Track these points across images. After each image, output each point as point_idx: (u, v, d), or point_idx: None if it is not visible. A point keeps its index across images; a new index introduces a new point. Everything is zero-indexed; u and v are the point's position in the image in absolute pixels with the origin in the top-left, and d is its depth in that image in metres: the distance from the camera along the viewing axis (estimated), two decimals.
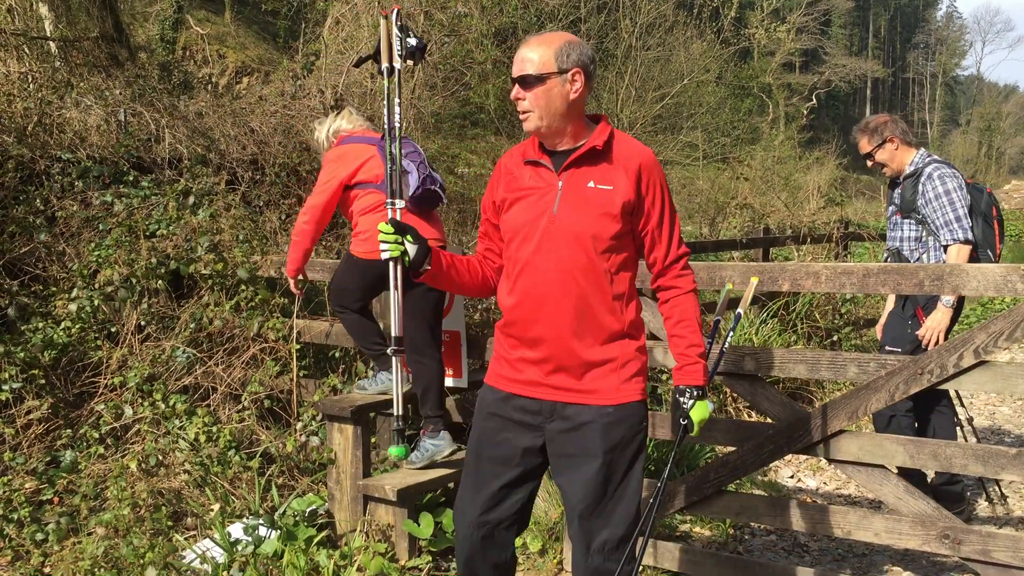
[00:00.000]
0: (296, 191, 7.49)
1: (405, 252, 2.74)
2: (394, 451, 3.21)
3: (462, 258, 2.98)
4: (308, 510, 4.50)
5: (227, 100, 9.08)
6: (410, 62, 3.26)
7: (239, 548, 4.20)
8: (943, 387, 3.51)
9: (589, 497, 2.79)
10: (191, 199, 6.21)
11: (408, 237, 2.74)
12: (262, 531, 4.28)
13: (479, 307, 6.76)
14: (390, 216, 3.01)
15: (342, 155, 4.59)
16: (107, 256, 5.61)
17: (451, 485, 4.65)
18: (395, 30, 3.17)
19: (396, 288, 3.00)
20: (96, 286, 5.51)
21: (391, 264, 2.90)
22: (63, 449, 4.96)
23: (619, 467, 2.79)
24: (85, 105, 7.03)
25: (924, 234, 4.98)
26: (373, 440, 5.27)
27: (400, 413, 3.23)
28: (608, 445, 2.77)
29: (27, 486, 4.68)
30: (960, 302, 4.93)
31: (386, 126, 3.31)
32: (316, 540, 4.29)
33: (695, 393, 2.81)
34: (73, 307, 5.39)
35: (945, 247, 4.84)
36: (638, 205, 2.76)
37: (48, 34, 8.90)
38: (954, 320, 4.96)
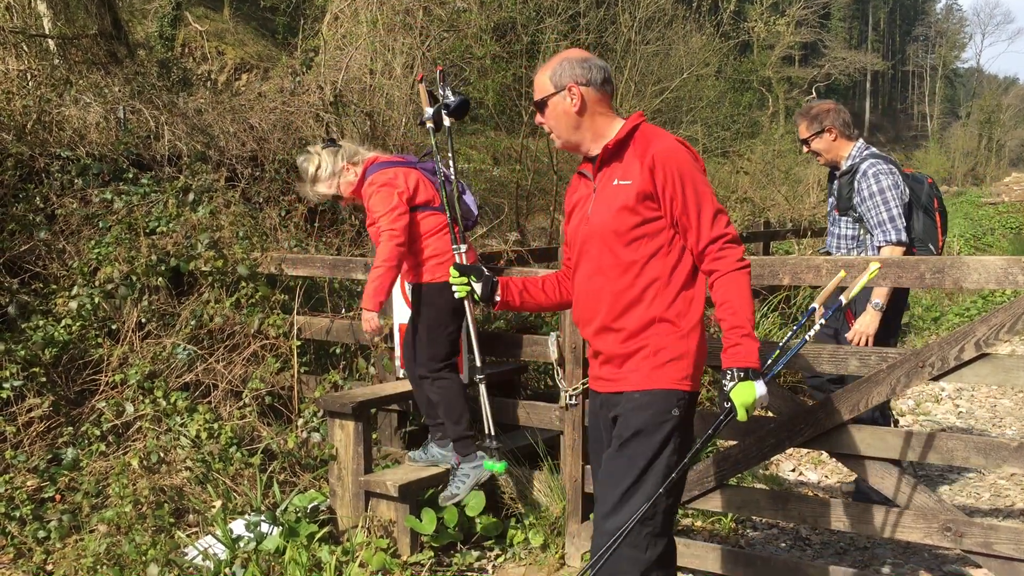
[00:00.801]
0: (295, 187, 7.47)
1: (473, 291, 3.11)
2: (496, 467, 3.46)
3: (535, 280, 3.20)
4: (310, 506, 4.50)
5: (226, 97, 9.06)
6: (452, 120, 3.62)
7: (241, 544, 4.21)
8: (945, 379, 3.51)
9: (608, 478, 2.83)
10: (191, 196, 6.20)
11: (473, 277, 3.10)
12: (264, 527, 4.29)
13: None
14: (456, 261, 3.45)
15: (393, 179, 4.35)
16: (107, 253, 5.61)
17: None
18: (439, 90, 3.64)
19: (472, 322, 3.41)
20: (96, 284, 5.51)
21: (465, 302, 3.30)
22: (64, 447, 4.97)
23: (641, 454, 2.77)
24: (84, 102, 7.02)
25: (862, 232, 4.88)
26: (374, 436, 5.27)
27: (492, 432, 3.49)
28: (631, 430, 2.80)
29: (29, 484, 4.68)
30: (894, 306, 4.82)
31: (440, 176, 3.69)
32: (318, 536, 4.29)
33: (738, 375, 2.73)
34: (73, 305, 5.39)
35: (879, 248, 4.71)
36: (657, 194, 2.79)
37: (47, 31, 8.89)
38: (894, 326, 4.90)
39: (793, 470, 5.98)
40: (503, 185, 12.56)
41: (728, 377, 2.75)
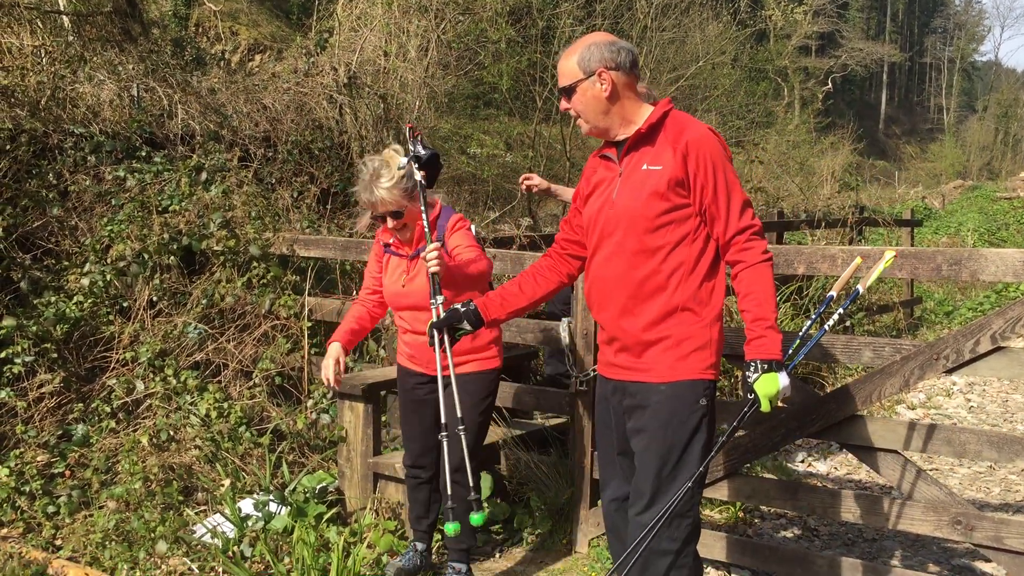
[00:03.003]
0: (308, 169, 7.46)
1: (467, 332, 3.13)
2: (451, 528, 3.15)
3: (511, 286, 3.18)
4: (318, 487, 4.51)
5: (240, 77, 9.05)
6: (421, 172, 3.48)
7: (249, 523, 4.22)
8: (957, 373, 3.48)
9: (642, 474, 2.83)
10: (203, 175, 6.20)
11: (457, 323, 3.10)
12: (272, 507, 4.30)
13: None
14: (434, 316, 3.24)
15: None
16: (119, 231, 5.61)
17: None
18: (409, 144, 3.51)
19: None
20: (108, 261, 5.51)
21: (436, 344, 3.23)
22: (75, 423, 4.99)
23: (674, 447, 2.79)
24: (98, 80, 7.01)
25: None
26: (384, 418, 5.27)
27: (472, 484, 3.30)
28: (659, 423, 2.80)
29: (39, 459, 4.71)
30: None
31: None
32: (326, 517, 4.30)
33: (762, 367, 2.71)
34: (85, 281, 5.40)
35: None
36: (688, 182, 2.77)
37: (62, 8, 8.87)
38: None
39: (802, 461, 5.96)
40: (516, 171, 12.52)
41: (752, 369, 2.73)
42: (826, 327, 2.91)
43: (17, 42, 7.37)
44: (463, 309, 3.10)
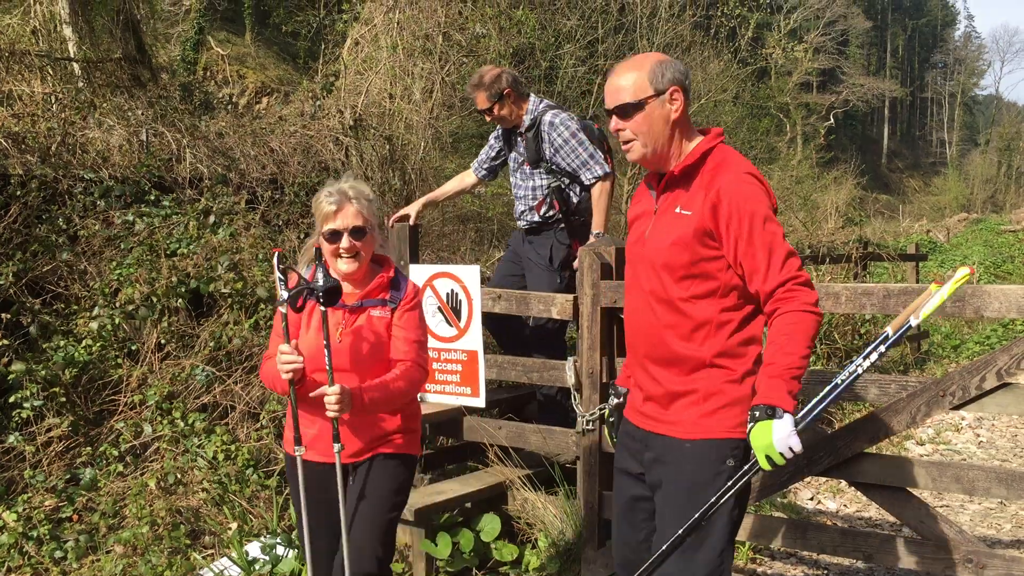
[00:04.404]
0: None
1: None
2: None
3: None
4: None
5: (247, 120, 9.14)
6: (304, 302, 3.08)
7: (256, 567, 4.21)
8: (964, 410, 3.48)
9: (664, 535, 2.63)
10: (211, 218, 6.26)
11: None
12: (280, 550, 4.28)
13: None
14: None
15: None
16: (128, 275, 5.65)
17: (468, 505, 4.64)
18: (277, 273, 3.02)
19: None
20: (117, 305, 5.55)
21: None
22: (83, 467, 4.99)
23: (696, 510, 2.57)
24: (108, 125, 7.11)
25: (553, 181, 5.10)
26: None
27: None
28: (682, 486, 2.61)
29: (47, 503, 4.71)
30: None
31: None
32: None
33: (756, 414, 2.45)
34: (94, 325, 5.43)
35: (589, 187, 5.01)
36: (719, 234, 2.54)
37: (72, 55, 9.02)
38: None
39: (811, 498, 5.93)
40: None
41: (749, 418, 2.49)
42: (859, 371, 2.58)
43: (28, 89, 7.49)
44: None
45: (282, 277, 3.02)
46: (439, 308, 4.94)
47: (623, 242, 4.82)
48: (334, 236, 3.05)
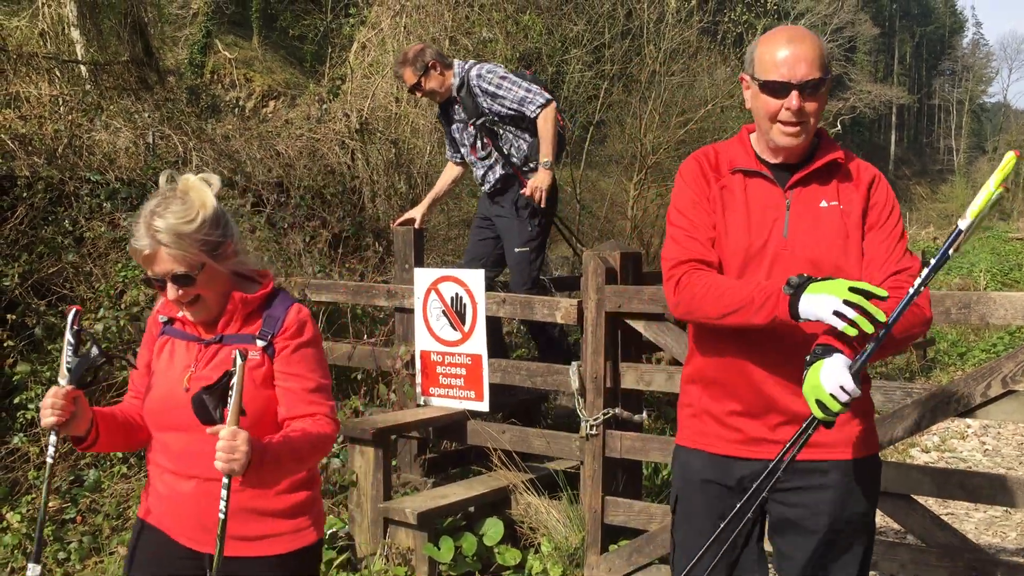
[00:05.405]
0: (320, 213, 7.53)
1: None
2: None
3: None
4: (328, 532, 4.50)
5: (254, 123, 9.17)
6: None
7: None
8: (970, 417, 3.47)
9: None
10: None
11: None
12: None
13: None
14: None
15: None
16: (133, 277, 5.66)
17: (471, 509, 4.64)
18: (68, 335, 2.31)
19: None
20: (122, 306, 5.56)
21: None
22: (87, 468, 4.99)
23: (866, 540, 2.40)
24: (114, 128, 7.13)
25: (500, 131, 5.23)
26: (394, 463, 5.26)
27: None
28: (857, 512, 2.37)
29: (51, 505, 4.71)
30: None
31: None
32: (336, 563, 4.29)
33: (810, 357, 2.12)
34: (99, 327, 5.44)
35: (534, 118, 5.10)
36: (866, 220, 2.35)
37: (79, 58, 9.04)
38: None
39: None
40: None
41: (808, 359, 2.14)
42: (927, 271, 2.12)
43: (35, 91, 7.51)
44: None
45: (72, 342, 2.30)
46: (444, 312, 4.94)
47: (627, 246, 4.83)
48: (158, 284, 2.25)
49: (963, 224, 2.09)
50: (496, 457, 4.79)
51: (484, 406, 4.88)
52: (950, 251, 2.09)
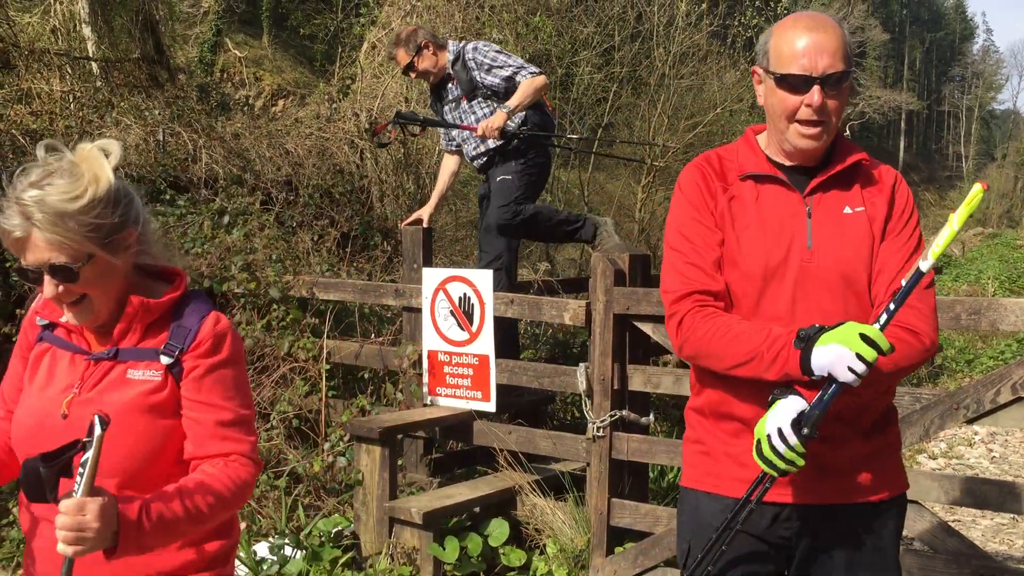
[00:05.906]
0: (329, 212, 7.55)
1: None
2: None
3: None
4: (334, 531, 4.50)
5: (263, 122, 9.19)
6: None
7: (264, 567, 4.21)
8: (977, 424, 3.46)
9: None
10: (226, 218, 6.28)
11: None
12: (287, 551, 4.29)
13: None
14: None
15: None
16: None
17: (477, 509, 4.64)
18: None
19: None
20: None
21: None
22: None
23: None
24: (125, 124, 7.15)
25: (495, 104, 5.26)
26: (400, 463, 5.27)
27: None
28: (887, 550, 2.22)
29: None
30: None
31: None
32: (341, 561, 4.29)
33: (776, 392, 1.98)
34: None
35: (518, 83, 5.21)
36: (887, 225, 2.13)
37: (91, 55, 9.07)
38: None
39: None
40: None
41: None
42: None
43: (47, 87, 7.54)
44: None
45: None
46: (451, 312, 4.94)
47: (636, 248, 4.82)
48: (32, 276, 1.77)
49: (924, 266, 1.94)
50: (502, 458, 4.79)
51: (491, 406, 4.88)
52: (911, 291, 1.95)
